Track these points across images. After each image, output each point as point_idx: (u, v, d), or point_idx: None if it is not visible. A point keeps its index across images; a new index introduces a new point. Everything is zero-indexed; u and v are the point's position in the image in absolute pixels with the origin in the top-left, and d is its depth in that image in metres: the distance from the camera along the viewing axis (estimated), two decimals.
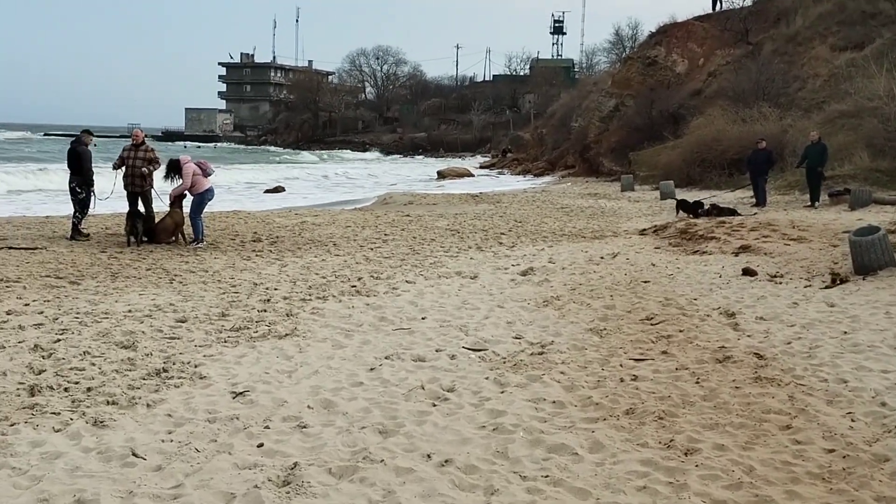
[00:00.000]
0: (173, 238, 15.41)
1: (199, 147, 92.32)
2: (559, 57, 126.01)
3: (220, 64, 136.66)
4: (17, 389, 6.49)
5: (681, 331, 8.80)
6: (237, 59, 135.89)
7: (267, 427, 5.85)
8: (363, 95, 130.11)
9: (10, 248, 14.05)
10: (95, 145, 17.66)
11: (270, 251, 14.92)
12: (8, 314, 9.25)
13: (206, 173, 15.19)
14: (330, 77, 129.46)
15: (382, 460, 5.24)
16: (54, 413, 5.98)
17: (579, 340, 8.51)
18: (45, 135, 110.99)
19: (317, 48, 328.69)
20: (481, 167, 70.58)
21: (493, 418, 6.11)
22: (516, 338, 8.62)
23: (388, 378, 7.10)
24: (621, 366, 7.53)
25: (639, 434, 5.76)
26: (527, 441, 5.63)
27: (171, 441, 5.52)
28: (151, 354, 7.66)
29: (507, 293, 11.15)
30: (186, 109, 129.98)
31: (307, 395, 6.58)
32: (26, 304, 9.78)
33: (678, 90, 45.10)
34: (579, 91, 65.15)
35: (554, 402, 6.50)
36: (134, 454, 5.25)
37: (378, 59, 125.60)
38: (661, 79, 47.16)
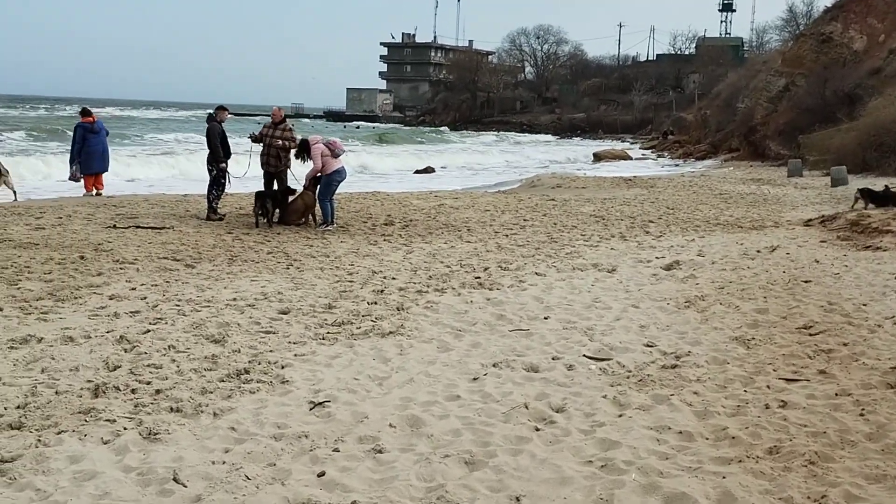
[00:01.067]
0: (303, 220, 15.00)
1: (358, 127, 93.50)
2: (727, 35, 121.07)
3: (381, 44, 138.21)
4: (82, 389, 5.95)
5: (845, 344, 7.50)
6: (399, 40, 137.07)
7: (336, 450, 5.05)
8: (522, 75, 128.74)
9: (138, 227, 13.92)
10: (260, 124, 17.34)
11: (400, 236, 14.25)
12: (110, 299, 8.89)
13: (335, 154, 14.61)
14: (489, 57, 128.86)
15: None
16: (109, 420, 5.37)
17: (721, 352, 7.34)
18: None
19: (477, 28, 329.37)
20: (640, 149, 68.29)
21: (603, 451, 5.11)
22: (648, 346, 7.54)
23: (491, 392, 6.18)
24: (768, 387, 6.34)
25: (782, 484, 4.63)
26: (639, 486, 4.60)
27: (223, 463, 4.79)
28: (239, 351, 7.02)
29: (646, 290, 10.02)
30: (348, 89, 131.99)
31: (393, 410, 5.75)
32: (133, 289, 9.41)
33: (855, 69, 41.81)
34: (747, 70, 61.74)
35: (681, 432, 5.43)
36: (175, 479, 4.56)
37: (539, 38, 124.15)
38: (835, 57, 43.91)
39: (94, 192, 18.88)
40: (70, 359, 6.69)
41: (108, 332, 7.49)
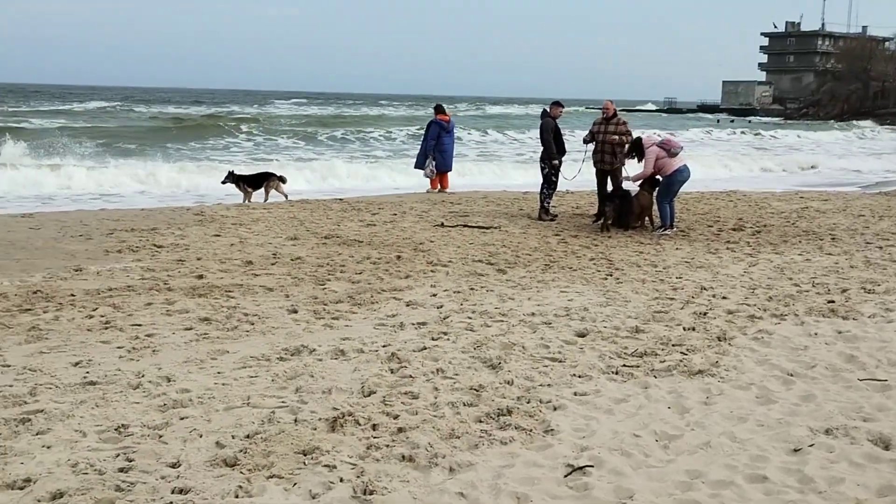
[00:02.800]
0: (639, 223, 13.72)
1: (732, 121, 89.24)
2: None
3: (762, 34, 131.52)
4: (321, 419, 5.23)
5: None
6: (781, 29, 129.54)
7: None
8: None
9: (466, 226, 13.46)
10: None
11: (747, 243, 12.48)
12: (406, 305, 8.33)
13: (672, 153, 13.16)
14: (886, 43, 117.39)
15: None
16: (328, 466, 4.56)
17: None
18: (586, 108, 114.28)
19: (872, 12, 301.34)
20: None
21: None
22: None
23: (813, 474, 4.57)
24: None
25: None
26: None
27: None
28: (511, 383, 6.00)
29: None
30: (723, 82, 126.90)
31: (672, 488, 4.40)
32: (434, 295, 8.80)
33: None
34: None
35: None
36: None
37: None
38: None
39: (437, 189, 18.90)
40: (330, 377, 6.08)
41: (383, 347, 6.85)
